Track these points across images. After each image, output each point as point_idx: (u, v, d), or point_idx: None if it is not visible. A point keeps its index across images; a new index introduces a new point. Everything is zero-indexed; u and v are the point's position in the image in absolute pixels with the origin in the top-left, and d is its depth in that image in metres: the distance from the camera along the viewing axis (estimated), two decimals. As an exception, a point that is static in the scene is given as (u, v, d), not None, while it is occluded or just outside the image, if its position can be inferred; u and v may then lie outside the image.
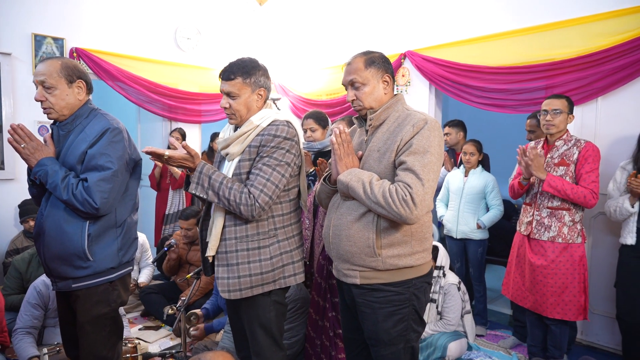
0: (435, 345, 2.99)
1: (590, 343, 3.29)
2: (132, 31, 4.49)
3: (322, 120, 2.86)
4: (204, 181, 1.74)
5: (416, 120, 1.63)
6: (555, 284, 2.59)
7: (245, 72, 1.81)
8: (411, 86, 4.21)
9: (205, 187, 1.74)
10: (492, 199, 3.47)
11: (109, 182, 1.85)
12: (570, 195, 2.52)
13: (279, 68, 5.55)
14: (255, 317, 1.84)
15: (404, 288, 1.67)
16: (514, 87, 3.46)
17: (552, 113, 2.62)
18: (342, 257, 1.72)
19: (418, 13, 4.14)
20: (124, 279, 2.05)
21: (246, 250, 1.79)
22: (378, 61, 1.73)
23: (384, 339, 1.69)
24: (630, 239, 2.66)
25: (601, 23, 3.06)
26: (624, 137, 3.04)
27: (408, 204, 1.52)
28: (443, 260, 3.17)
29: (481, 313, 3.59)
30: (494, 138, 5.31)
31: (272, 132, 1.77)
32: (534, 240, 2.69)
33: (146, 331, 3.50)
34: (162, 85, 4.62)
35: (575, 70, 3.15)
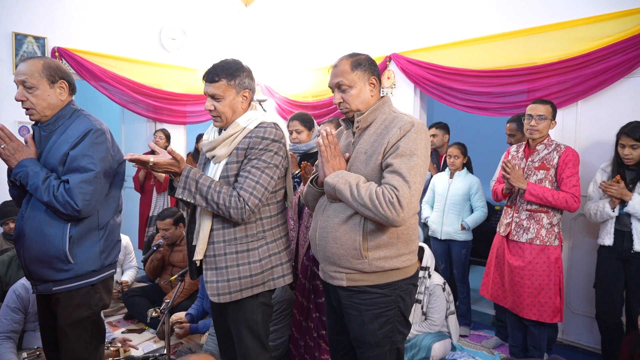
0: (420, 346, 3.02)
1: (571, 342, 3.35)
2: (116, 31, 4.44)
3: (307, 122, 2.86)
4: (191, 185, 1.72)
5: (403, 122, 1.64)
6: (531, 285, 2.63)
7: (229, 74, 1.79)
8: (396, 88, 4.24)
9: (192, 192, 1.72)
10: (476, 201, 3.51)
11: (91, 183, 1.82)
12: (552, 202, 2.57)
13: (265, 69, 5.54)
14: (242, 319, 1.83)
15: (390, 290, 1.68)
16: (496, 90, 3.51)
17: (537, 118, 2.66)
18: (328, 259, 1.72)
19: (403, 16, 4.17)
20: (107, 282, 2.02)
21: (235, 253, 1.78)
22: (364, 63, 1.73)
23: (369, 340, 1.70)
24: (608, 240, 2.72)
25: (581, 28, 3.12)
26: (604, 140, 3.11)
27: (395, 206, 1.53)
28: (428, 261, 3.20)
29: (465, 314, 3.62)
30: (478, 140, 5.38)
31: (260, 134, 1.77)
32: (513, 241, 2.73)
33: (129, 334, 3.45)
34: (146, 86, 4.57)
35: (556, 74, 3.21)
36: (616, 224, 2.70)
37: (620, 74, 2.96)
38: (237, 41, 5.50)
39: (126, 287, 3.87)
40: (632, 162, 2.63)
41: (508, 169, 2.65)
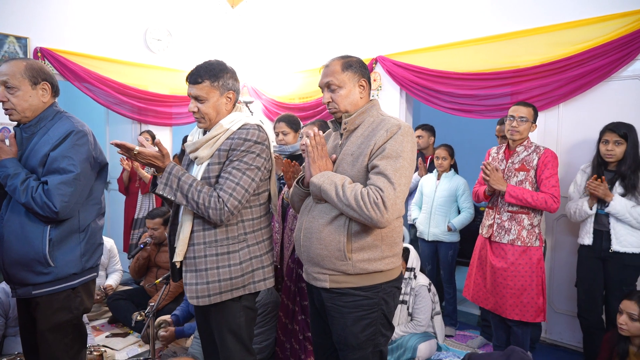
0: (406, 347, 3.03)
1: (554, 341, 3.40)
2: (99, 31, 4.39)
3: (294, 123, 2.87)
4: (173, 182, 1.71)
5: (390, 125, 1.65)
6: (514, 285, 2.66)
7: (212, 75, 1.79)
8: (382, 90, 4.27)
9: (173, 189, 1.71)
10: (463, 202, 3.54)
11: (70, 185, 1.80)
12: (531, 203, 2.60)
13: (251, 71, 5.53)
14: (225, 323, 1.82)
15: (373, 293, 1.69)
16: (480, 92, 3.55)
17: (518, 120, 2.71)
18: (312, 261, 1.72)
19: (389, 19, 4.20)
20: (88, 286, 1.99)
21: (215, 256, 1.77)
22: (355, 65, 1.74)
23: (352, 343, 1.70)
24: (588, 240, 2.77)
25: (562, 32, 3.18)
26: (584, 142, 3.17)
27: (379, 207, 1.53)
28: (414, 262, 3.22)
29: (451, 314, 3.65)
30: (464, 142, 5.44)
31: (242, 136, 1.76)
32: (495, 242, 2.76)
33: (113, 338, 3.41)
34: (131, 87, 4.53)
35: (539, 78, 3.26)
36: (595, 223, 2.75)
37: (600, 77, 3.02)
38: (223, 42, 5.48)
39: (110, 291, 3.82)
40: (614, 159, 2.67)
41: (488, 171, 2.68)
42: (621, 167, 2.65)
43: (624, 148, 2.63)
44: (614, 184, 2.67)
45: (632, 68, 2.97)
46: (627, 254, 2.62)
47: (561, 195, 3.06)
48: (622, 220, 2.61)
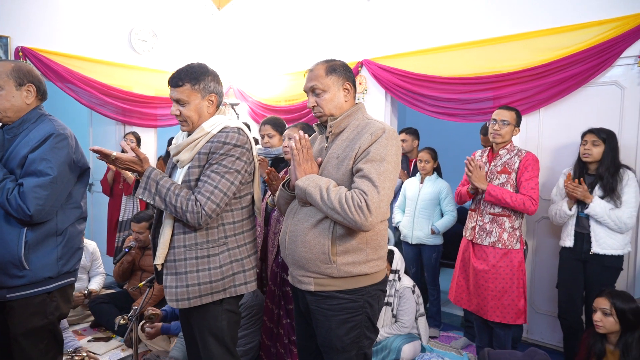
0: (390, 348, 3.06)
1: (535, 341, 3.46)
2: (83, 31, 4.33)
3: (279, 126, 2.87)
4: (152, 186, 1.70)
5: (375, 129, 1.66)
6: (495, 288, 2.70)
7: (193, 78, 1.79)
8: (368, 94, 4.30)
9: (152, 193, 1.71)
10: (446, 205, 3.58)
11: (46, 189, 1.78)
12: (510, 203, 2.65)
13: (237, 73, 5.52)
14: (207, 326, 1.82)
15: (358, 296, 1.69)
16: (464, 97, 3.60)
17: (501, 123, 2.75)
18: (297, 264, 1.72)
19: (375, 23, 4.23)
20: (65, 290, 1.96)
21: (195, 259, 1.76)
22: (339, 69, 1.76)
23: (337, 346, 1.71)
24: (569, 242, 2.83)
25: (543, 39, 3.25)
26: (565, 146, 3.24)
27: (363, 210, 1.54)
28: (398, 264, 3.25)
29: (435, 315, 3.69)
30: (449, 145, 5.50)
31: (221, 139, 1.76)
32: (477, 245, 2.80)
33: (96, 343, 3.37)
34: (115, 88, 4.48)
35: (520, 83, 3.33)
36: (576, 226, 2.81)
37: (579, 83, 3.09)
38: (209, 44, 5.46)
39: (94, 294, 3.77)
40: (590, 159, 2.74)
41: (471, 167, 2.72)
42: (599, 169, 2.72)
43: (601, 150, 2.70)
44: (594, 187, 2.73)
45: (609, 74, 3.05)
46: (606, 255, 2.68)
47: (542, 198, 3.14)
48: (601, 222, 2.67)
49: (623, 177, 2.68)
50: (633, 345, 2.22)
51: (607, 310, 2.27)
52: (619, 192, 2.65)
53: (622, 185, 2.66)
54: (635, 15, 2.89)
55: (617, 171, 2.69)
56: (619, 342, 2.28)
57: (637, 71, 2.95)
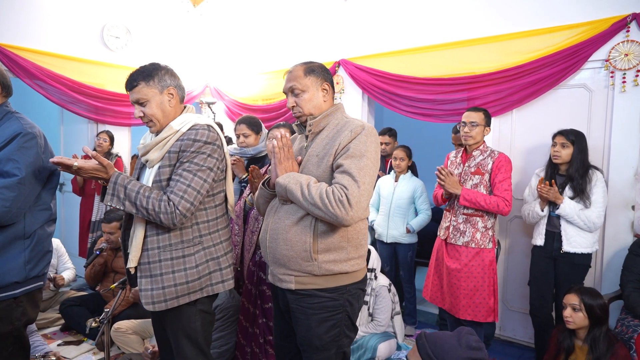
0: (366, 347, 3.08)
1: (507, 338, 3.54)
2: (53, 26, 4.21)
3: (255, 125, 2.84)
4: (120, 192, 1.66)
5: (354, 126, 1.68)
6: (467, 286, 2.75)
7: (146, 76, 1.77)
8: (345, 94, 4.31)
9: (121, 198, 1.66)
10: (420, 204, 3.62)
11: (13, 190, 1.72)
12: (484, 206, 2.70)
13: (214, 71, 5.46)
14: (180, 328, 1.79)
15: (339, 294, 1.70)
16: (438, 97, 3.65)
17: (470, 125, 2.80)
18: (278, 262, 1.72)
19: (352, 23, 4.25)
20: (32, 295, 1.90)
21: (170, 260, 1.73)
22: (317, 70, 1.78)
23: (316, 344, 1.71)
24: (540, 240, 2.90)
25: (515, 42, 3.32)
26: (537, 147, 3.32)
27: (344, 204, 1.55)
28: (374, 263, 3.27)
29: (411, 313, 3.73)
30: (425, 145, 5.58)
31: (191, 137, 1.74)
32: (451, 244, 2.85)
33: (66, 346, 3.28)
34: (87, 85, 4.37)
35: (493, 84, 3.39)
36: (547, 225, 2.87)
37: (550, 85, 3.17)
38: (185, 42, 5.38)
39: (61, 282, 3.62)
40: (560, 161, 2.81)
41: (442, 176, 2.76)
42: (569, 170, 2.79)
43: (570, 151, 2.78)
44: (564, 188, 2.81)
45: (578, 77, 3.14)
46: (576, 254, 2.76)
47: (515, 198, 3.21)
48: (571, 222, 2.75)
49: (592, 178, 2.75)
50: (600, 339, 2.29)
51: (576, 306, 2.34)
52: (588, 192, 2.73)
53: (591, 185, 2.74)
54: (602, 20, 2.98)
55: (587, 172, 2.77)
56: (587, 337, 2.35)
57: (603, 75, 3.04)
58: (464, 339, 1.42)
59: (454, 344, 1.41)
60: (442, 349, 1.40)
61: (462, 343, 1.41)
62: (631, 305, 2.61)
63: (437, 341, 1.43)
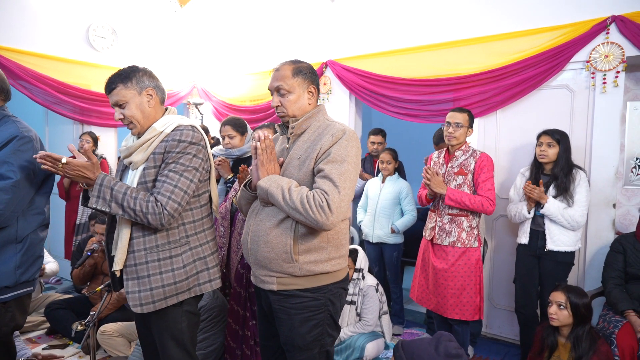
0: (354, 347, 3.09)
1: (494, 335, 3.58)
2: (37, 26, 4.16)
3: (240, 126, 2.84)
4: (106, 193, 1.64)
5: (335, 130, 1.69)
6: (454, 286, 2.78)
7: (124, 78, 1.77)
8: (332, 94, 4.32)
9: (107, 200, 1.64)
10: (406, 205, 3.64)
11: (7, 192, 1.71)
12: (469, 206, 2.73)
13: (201, 72, 5.44)
14: (166, 329, 1.78)
15: (320, 294, 1.71)
16: (425, 98, 3.68)
17: (454, 126, 2.84)
18: (259, 263, 1.72)
19: (339, 24, 4.27)
20: (21, 301, 1.88)
21: (157, 261, 1.73)
22: (305, 72, 1.77)
23: (299, 344, 1.72)
24: (525, 239, 2.94)
25: (499, 43, 3.36)
26: (521, 146, 3.37)
27: (324, 210, 1.56)
28: (362, 263, 3.29)
29: (398, 313, 3.76)
30: (412, 146, 5.61)
31: (176, 138, 1.73)
32: (437, 245, 2.87)
33: (52, 350, 3.25)
34: (72, 86, 4.32)
35: (478, 85, 3.43)
36: (532, 224, 2.92)
37: (533, 85, 3.22)
38: (172, 42, 5.35)
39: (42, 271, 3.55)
40: (546, 160, 2.85)
41: (429, 176, 2.79)
42: (555, 169, 2.84)
43: (556, 150, 2.82)
44: (549, 187, 2.85)
45: (560, 78, 3.19)
46: (560, 252, 2.81)
47: (500, 197, 3.25)
48: (555, 221, 2.79)
49: (576, 177, 2.80)
50: (583, 337, 2.33)
51: (562, 303, 2.37)
52: (571, 191, 2.78)
53: (574, 185, 2.79)
54: (584, 22, 3.04)
55: (571, 171, 2.82)
56: (570, 334, 2.39)
57: (585, 75, 3.10)
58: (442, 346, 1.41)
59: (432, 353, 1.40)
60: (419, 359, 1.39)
61: (440, 351, 1.40)
62: (613, 302, 2.66)
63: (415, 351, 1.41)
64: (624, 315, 2.58)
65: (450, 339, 1.43)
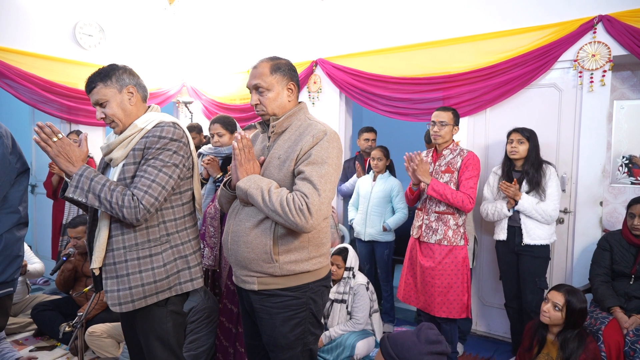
0: (344, 345, 3.09)
1: (483, 332, 3.61)
2: (22, 24, 4.09)
3: (229, 125, 2.82)
4: (84, 184, 1.63)
5: (316, 131, 1.67)
6: (441, 284, 2.79)
7: (103, 77, 1.76)
8: (322, 93, 4.31)
9: (84, 190, 1.62)
10: (397, 203, 3.65)
11: None
12: (450, 200, 2.74)
13: (191, 70, 5.40)
14: (151, 330, 1.76)
15: (301, 292, 1.70)
16: (415, 96, 3.68)
17: (440, 124, 2.85)
18: (240, 264, 1.71)
19: (329, 23, 4.26)
20: (2, 302, 1.84)
21: (137, 260, 1.71)
22: (284, 68, 1.74)
23: (282, 343, 1.71)
24: (503, 235, 2.99)
25: (487, 42, 3.38)
26: (509, 145, 3.38)
27: (304, 213, 1.55)
28: (352, 262, 3.29)
29: (389, 311, 3.76)
30: (403, 144, 5.61)
31: (157, 134, 1.72)
32: (424, 243, 2.88)
33: (39, 352, 3.20)
34: (59, 85, 4.26)
35: (467, 84, 3.44)
36: (509, 220, 2.97)
37: (521, 84, 3.24)
38: (160, 40, 5.29)
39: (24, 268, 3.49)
40: (517, 156, 2.93)
41: (417, 161, 2.77)
42: (525, 165, 2.90)
43: (526, 147, 2.91)
44: (521, 183, 2.90)
45: (548, 77, 3.22)
46: (536, 246, 2.86)
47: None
48: (529, 216, 2.84)
49: (546, 172, 2.89)
50: (571, 340, 2.35)
51: (559, 305, 2.37)
52: (543, 186, 2.86)
53: (545, 179, 2.87)
54: (571, 22, 3.06)
55: (541, 166, 2.90)
56: (559, 334, 2.41)
57: (572, 74, 3.12)
58: (423, 334, 1.45)
59: (414, 340, 1.44)
60: (402, 347, 1.42)
61: (422, 338, 1.44)
62: (599, 298, 2.69)
63: (398, 340, 1.45)
64: (610, 312, 2.61)
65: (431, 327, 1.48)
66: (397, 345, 1.43)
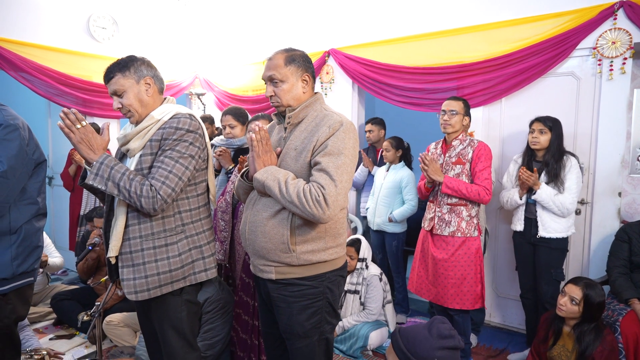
0: (358, 335, 3.11)
1: (497, 324, 3.59)
2: (37, 18, 4.14)
3: (241, 116, 2.82)
4: (104, 172, 1.65)
5: (332, 122, 1.66)
6: (455, 275, 2.77)
7: (122, 67, 1.77)
8: (335, 83, 4.29)
9: (104, 178, 1.65)
10: (406, 194, 3.58)
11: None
12: (466, 194, 2.71)
13: (203, 62, 5.41)
14: (166, 318, 1.79)
15: (318, 282, 1.72)
16: (428, 86, 3.64)
17: (449, 113, 2.81)
18: (257, 253, 1.73)
19: (342, 12, 4.22)
20: (22, 292, 1.88)
21: (153, 249, 1.73)
22: (299, 60, 1.74)
23: (298, 332, 1.73)
24: (520, 226, 2.95)
25: (504, 30, 3.31)
26: (524, 134, 3.31)
27: (321, 204, 1.56)
28: (365, 253, 3.29)
29: (402, 302, 3.76)
30: (417, 135, 5.56)
31: (174, 125, 1.73)
32: (437, 235, 2.86)
33: (58, 340, 3.28)
34: (74, 77, 4.30)
35: (482, 73, 3.38)
36: (525, 211, 2.93)
37: (538, 73, 3.17)
38: (173, 32, 5.31)
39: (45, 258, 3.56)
40: (538, 147, 2.86)
41: (427, 161, 2.77)
42: (546, 156, 2.84)
43: (548, 137, 2.83)
44: (541, 173, 2.85)
45: (566, 65, 3.15)
46: (552, 238, 2.82)
47: (503, 185, 3.22)
48: (546, 208, 2.80)
49: (566, 164, 2.81)
50: (587, 333, 2.33)
51: (576, 300, 2.34)
52: (562, 178, 2.79)
53: (565, 171, 2.80)
54: (590, 8, 2.98)
55: (562, 157, 2.82)
56: (575, 327, 2.38)
57: (591, 62, 3.05)
58: (435, 329, 1.43)
59: (426, 335, 1.42)
60: (414, 342, 1.41)
61: (434, 333, 1.42)
62: (617, 290, 2.65)
63: (410, 334, 1.44)
64: (628, 304, 2.57)
65: (443, 321, 1.46)
66: (408, 340, 1.42)
